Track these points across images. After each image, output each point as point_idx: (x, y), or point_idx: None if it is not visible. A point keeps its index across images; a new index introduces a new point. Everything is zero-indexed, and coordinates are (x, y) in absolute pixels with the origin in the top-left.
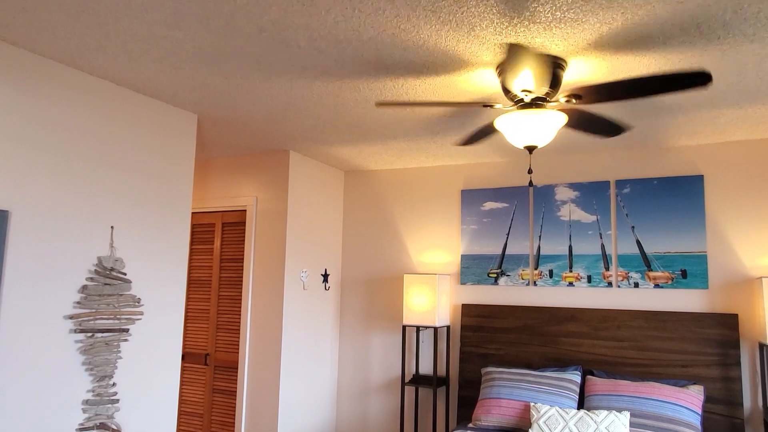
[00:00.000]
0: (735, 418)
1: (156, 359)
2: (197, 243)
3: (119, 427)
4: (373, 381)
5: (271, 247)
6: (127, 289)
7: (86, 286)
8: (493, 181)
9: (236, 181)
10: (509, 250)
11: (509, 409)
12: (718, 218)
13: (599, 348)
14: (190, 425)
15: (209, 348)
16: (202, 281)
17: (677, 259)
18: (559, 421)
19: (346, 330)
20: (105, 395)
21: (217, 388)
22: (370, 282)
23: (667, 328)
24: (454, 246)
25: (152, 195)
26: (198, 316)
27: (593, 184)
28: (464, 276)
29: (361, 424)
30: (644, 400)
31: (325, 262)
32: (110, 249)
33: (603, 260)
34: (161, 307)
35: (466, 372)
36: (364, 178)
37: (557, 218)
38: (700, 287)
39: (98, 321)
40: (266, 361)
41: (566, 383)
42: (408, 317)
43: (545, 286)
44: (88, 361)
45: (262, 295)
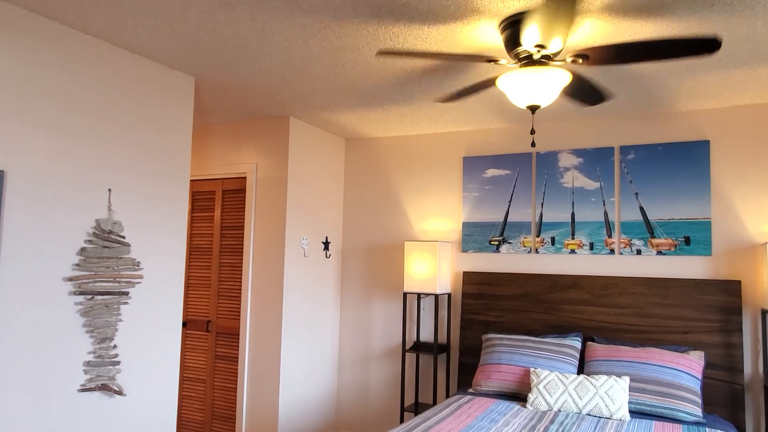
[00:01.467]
0: (735, 384)
1: (157, 323)
2: (198, 211)
3: (121, 389)
4: (374, 348)
5: (272, 215)
6: (126, 253)
7: (85, 248)
8: (495, 148)
9: (236, 148)
10: (511, 218)
11: (509, 374)
12: (723, 184)
13: (600, 315)
14: (192, 390)
15: (211, 315)
16: (203, 249)
17: (681, 226)
18: (558, 385)
19: (347, 298)
20: (106, 357)
21: (219, 355)
22: (371, 250)
23: (669, 295)
24: (456, 213)
25: (150, 159)
26: (199, 284)
27: (597, 151)
28: (466, 243)
29: (362, 390)
30: (644, 365)
31: (326, 230)
32: (108, 212)
33: (606, 227)
34: (161, 271)
35: (467, 339)
36: (365, 146)
37: (560, 185)
38: (703, 254)
39: (98, 284)
40: (267, 327)
41: (566, 349)
42: (409, 284)
43: (547, 254)
44: (89, 323)
45: (263, 262)
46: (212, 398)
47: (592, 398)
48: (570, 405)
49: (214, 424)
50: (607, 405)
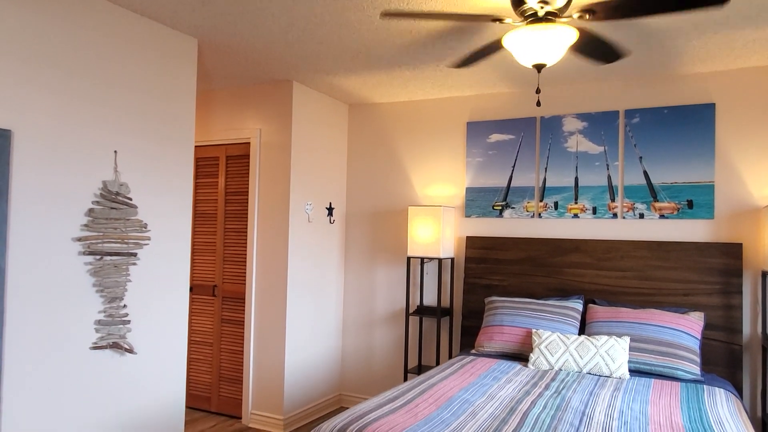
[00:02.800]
0: (734, 345)
1: (165, 283)
2: (202, 177)
3: (131, 347)
4: (377, 312)
5: (276, 180)
6: (134, 214)
7: (93, 209)
8: (499, 113)
9: (239, 114)
10: (514, 183)
11: (511, 335)
12: (727, 147)
13: (602, 278)
14: (200, 354)
15: (216, 280)
16: (208, 215)
17: (684, 190)
18: (560, 345)
19: (351, 263)
20: (116, 316)
21: (225, 318)
22: (375, 216)
23: (671, 258)
24: (459, 179)
25: (155, 121)
26: (205, 249)
27: (602, 114)
28: (469, 209)
29: (366, 353)
30: (644, 325)
31: (330, 196)
32: (114, 173)
33: (609, 191)
34: (168, 233)
35: (470, 303)
36: (369, 111)
37: (564, 150)
38: (706, 217)
39: (106, 244)
40: (273, 291)
41: (568, 311)
42: (412, 249)
43: (550, 218)
44: (99, 282)
45: (268, 227)
46: (219, 361)
47: (592, 357)
48: (571, 364)
49: (221, 385)
50: (608, 364)
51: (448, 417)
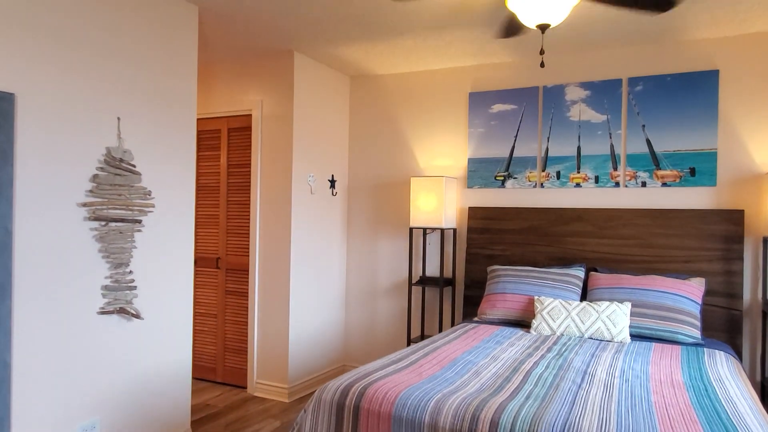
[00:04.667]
0: (734, 310)
1: (170, 250)
2: (204, 149)
3: (138, 312)
4: (380, 283)
5: (278, 152)
6: (138, 181)
7: (97, 175)
8: (501, 83)
9: (240, 86)
10: (517, 153)
11: (514, 302)
12: (731, 114)
13: (604, 246)
14: (205, 325)
15: (220, 252)
16: (211, 187)
17: (687, 157)
18: (561, 311)
19: (354, 234)
20: (123, 282)
21: (229, 290)
22: (377, 187)
23: (672, 226)
24: (461, 150)
25: (158, 90)
26: (208, 222)
27: (605, 83)
28: (471, 179)
29: (370, 323)
30: (645, 291)
31: (332, 168)
32: (118, 140)
33: (611, 160)
34: (172, 200)
35: (472, 273)
36: (370, 83)
37: (566, 119)
38: (708, 185)
39: (111, 210)
40: (276, 263)
41: (570, 278)
42: (415, 219)
43: (552, 188)
44: (104, 248)
45: (270, 199)
46: (224, 332)
47: (594, 323)
48: (572, 329)
49: (226, 356)
50: (609, 329)
51: (452, 376)
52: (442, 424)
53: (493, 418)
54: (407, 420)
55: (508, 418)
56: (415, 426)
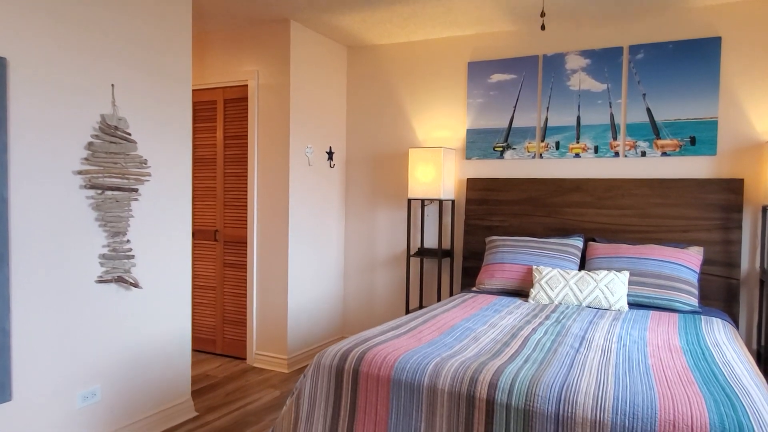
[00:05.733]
0: (731, 279)
1: (168, 220)
2: (200, 121)
3: (136, 281)
4: (379, 255)
5: (275, 123)
6: (133, 150)
7: (92, 143)
8: (501, 52)
9: (236, 56)
10: (516, 123)
11: (512, 272)
12: (732, 82)
13: (602, 217)
14: (204, 297)
15: (218, 224)
16: (207, 160)
17: (687, 126)
18: (560, 280)
19: (352, 206)
20: (120, 251)
21: (227, 263)
22: (375, 159)
23: (671, 195)
24: (460, 121)
25: (152, 57)
26: (205, 194)
27: (605, 51)
28: (470, 150)
29: (368, 295)
30: (643, 260)
31: (330, 140)
32: (113, 107)
33: (611, 130)
34: (168, 169)
35: (470, 244)
36: (368, 54)
37: (566, 88)
38: (708, 154)
39: (107, 179)
40: (274, 235)
41: (568, 248)
42: (413, 190)
43: (551, 158)
44: (101, 217)
45: (268, 171)
46: (223, 304)
47: (592, 291)
48: (570, 298)
49: (225, 328)
50: (607, 297)
51: (450, 341)
52: (441, 387)
53: (491, 380)
54: (406, 383)
55: (506, 380)
56: (414, 389)
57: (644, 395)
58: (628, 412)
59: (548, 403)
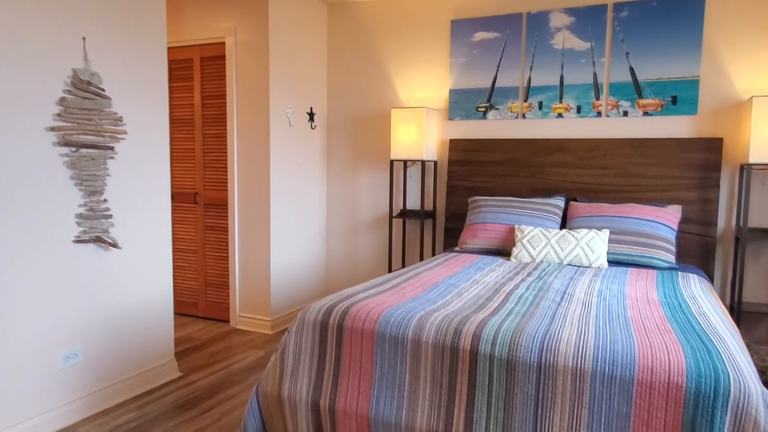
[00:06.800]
0: (708, 237)
1: (145, 179)
2: (176, 80)
3: (115, 242)
4: (361, 217)
5: (254, 83)
6: (108, 106)
7: (64, 98)
8: (485, 9)
9: (212, 11)
10: (499, 83)
11: (494, 231)
12: (715, 40)
13: (584, 177)
14: (185, 261)
15: (197, 187)
16: (185, 120)
17: (669, 86)
18: (541, 239)
19: (334, 168)
20: (97, 210)
21: (208, 226)
22: (357, 121)
23: (652, 155)
24: (443, 81)
25: (124, 10)
26: (183, 156)
27: (590, 9)
28: (452, 111)
29: (351, 256)
30: (623, 218)
31: (311, 101)
32: (85, 61)
33: (594, 89)
34: (145, 128)
35: (453, 205)
36: (349, 11)
37: (550, 47)
38: (689, 113)
39: (81, 136)
40: (255, 198)
41: (550, 207)
42: (396, 151)
43: (534, 119)
44: (76, 175)
45: (248, 132)
46: (205, 267)
47: (573, 250)
48: (552, 256)
49: (208, 291)
50: (587, 255)
51: (434, 297)
52: (425, 339)
53: (475, 331)
54: (391, 336)
55: (490, 331)
56: (398, 342)
57: (623, 343)
58: (608, 360)
59: (531, 353)
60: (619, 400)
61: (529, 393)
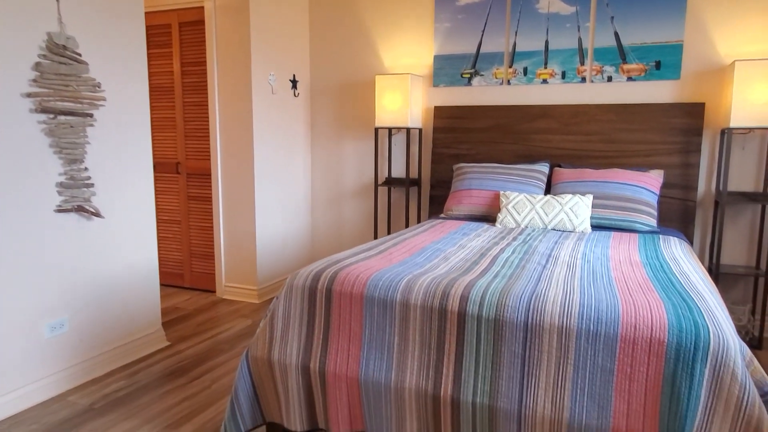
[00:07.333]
0: (688, 201)
1: (126, 147)
2: (154, 47)
3: (98, 211)
4: (346, 185)
5: (235, 49)
6: (85, 72)
7: (40, 63)
8: None
9: None
10: (484, 48)
11: (480, 198)
12: (699, 4)
13: (568, 143)
14: (168, 231)
15: (179, 156)
16: (165, 88)
17: (653, 50)
18: (526, 204)
19: (318, 136)
20: (78, 179)
21: (192, 196)
22: (341, 88)
23: (636, 120)
24: (427, 47)
25: None
26: (164, 125)
27: None
28: (437, 77)
29: (336, 225)
30: (607, 183)
31: (293, 68)
32: (59, 24)
33: (579, 54)
34: (124, 94)
35: (438, 173)
36: None
37: (535, 11)
38: (672, 78)
39: (59, 102)
40: (239, 167)
41: (535, 173)
42: (380, 119)
43: (519, 84)
44: (55, 143)
45: (230, 100)
46: (189, 238)
47: (557, 215)
48: (536, 221)
49: (193, 262)
50: (571, 220)
51: (421, 261)
52: (413, 302)
53: (463, 293)
54: (379, 299)
55: (477, 292)
56: (387, 304)
57: (608, 302)
58: (593, 317)
59: (517, 313)
60: (603, 356)
61: (516, 351)
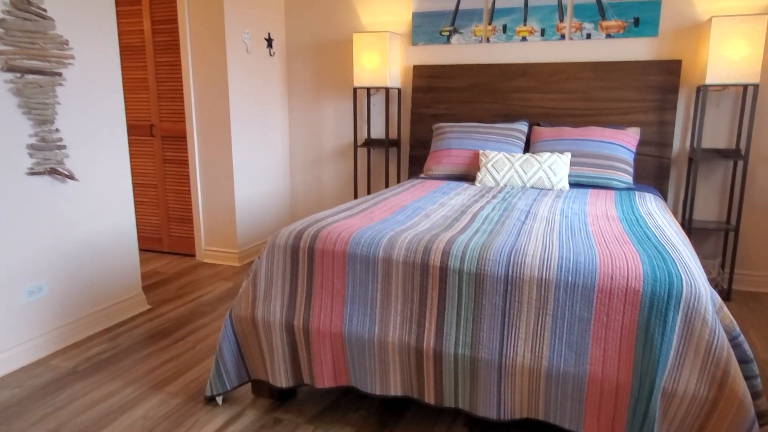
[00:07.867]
0: (663, 158)
1: (98, 107)
2: (123, 4)
3: (71, 173)
4: (325, 147)
5: (207, 5)
6: (51, 28)
7: (4, 19)
8: None
9: None
10: (463, 5)
11: (459, 158)
12: None
13: (547, 101)
14: (145, 196)
15: (153, 119)
16: (135, 47)
17: (632, 7)
18: (505, 163)
19: (295, 97)
20: (50, 140)
21: (167, 159)
22: (318, 47)
23: (613, 78)
24: (405, 3)
25: None
26: (136, 86)
27: None
28: (416, 36)
29: (316, 187)
30: (584, 141)
31: (268, 26)
32: None
33: (558, 11)
34: (94, 52)
35: (417, 133)
36: None
37: None
38: (650, 35)
39: (25, 61)
40: (215, 129)
41: (514, 132)
42: (359, 78)
43: (498, 42)
44: (24, 103)
45: (203, 60)
46: (166, 202)
47: (536, 173)
48: (515, 180)
49: (171, 226)
50: (549, 178)
51: (402, 219)
52: (395, 258)
53: (444, 248)
54: (362, 256)
55: (458, 247)
56: (369, 261)
57: (585, 255)
58: (571, 269)
59: (498, 266)
60: (581, 306)
61: (496, 304)
